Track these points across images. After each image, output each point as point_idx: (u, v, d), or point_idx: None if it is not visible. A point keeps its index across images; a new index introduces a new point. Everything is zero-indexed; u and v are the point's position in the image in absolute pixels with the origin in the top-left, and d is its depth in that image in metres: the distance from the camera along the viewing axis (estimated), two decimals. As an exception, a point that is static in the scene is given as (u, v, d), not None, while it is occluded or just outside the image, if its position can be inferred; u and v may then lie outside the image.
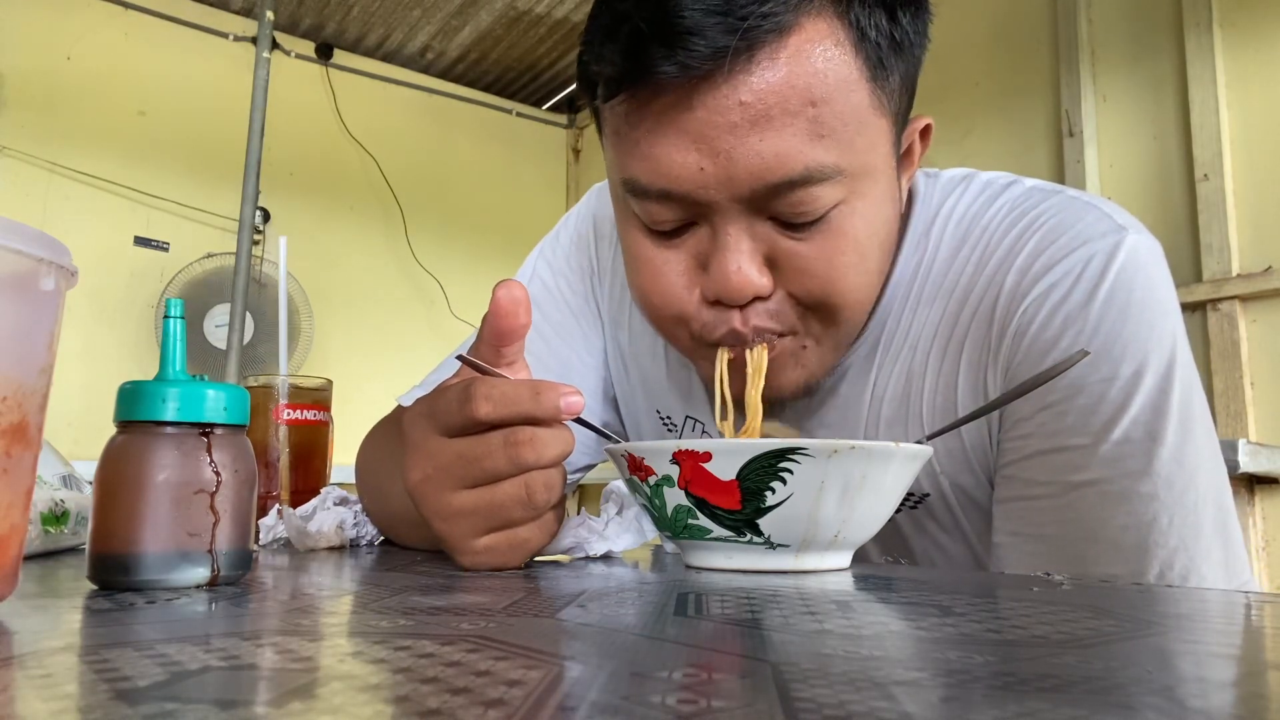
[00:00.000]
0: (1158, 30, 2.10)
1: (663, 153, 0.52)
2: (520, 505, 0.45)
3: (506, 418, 0.45)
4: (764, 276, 0.54)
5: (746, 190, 0.51)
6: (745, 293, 0.53)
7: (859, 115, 0.52)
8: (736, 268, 0.53)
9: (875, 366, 0.63)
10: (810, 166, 0.50)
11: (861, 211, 0.54)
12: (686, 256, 0.56)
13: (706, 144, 0.50)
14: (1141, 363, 0.54)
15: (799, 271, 0.54)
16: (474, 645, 0.24)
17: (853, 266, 0.54)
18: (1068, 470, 0.55)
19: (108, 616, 0.29)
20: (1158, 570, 0.53)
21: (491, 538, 0.46)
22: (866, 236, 0.55)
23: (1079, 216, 0.58)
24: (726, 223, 0.53)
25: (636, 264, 0.58)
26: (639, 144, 0.53)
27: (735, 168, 0.50)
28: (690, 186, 0.52)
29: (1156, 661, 0.22)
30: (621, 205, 0.58)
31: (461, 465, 0.45)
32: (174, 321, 0.40)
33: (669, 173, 0.52)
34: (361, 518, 0.63)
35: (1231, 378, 1.88)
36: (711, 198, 0.52)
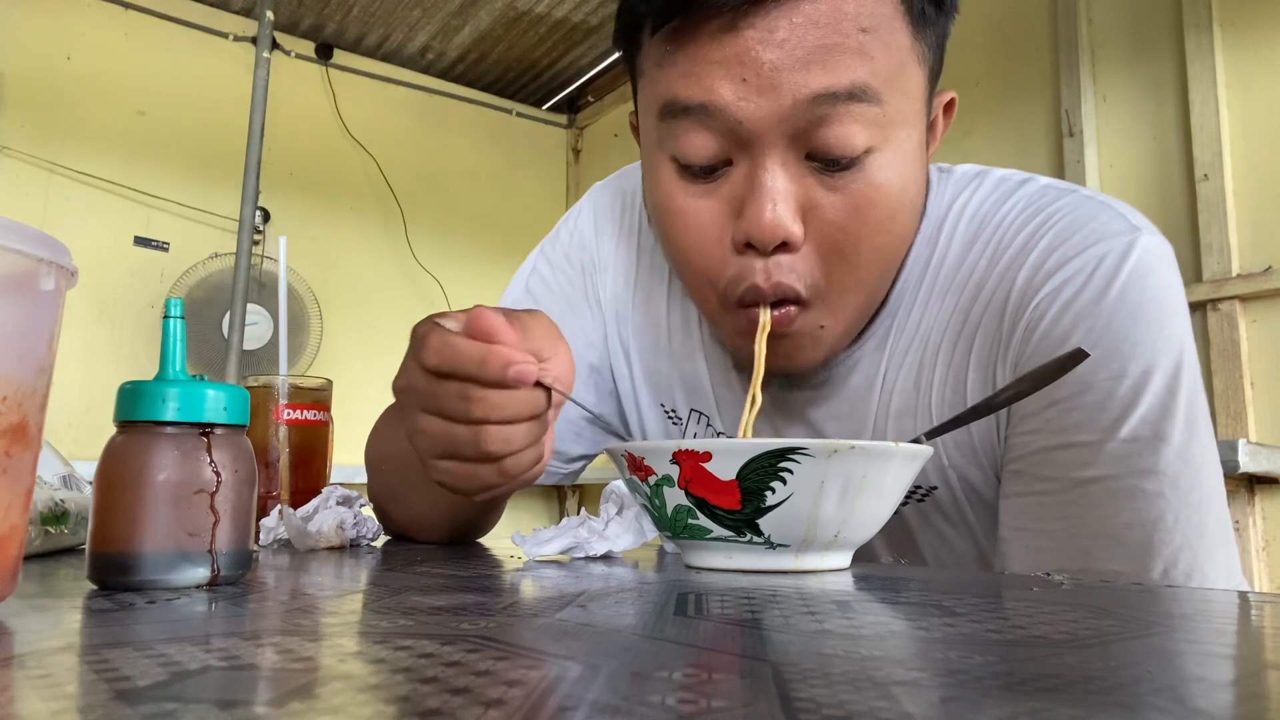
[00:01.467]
0: (1158, 30, 2.10)
1: (706, 67, 0.52)
2: (471, 448, 0.48)
3: (450, 374, 0.47)
4: (797, 224, 0.53)
5: (789, 102, 0.51)
6: (777, 233, 0.53)
7: (901, 54, 0.53)
8: (772, 205, 0.52)
9: (885, 358, 0.63)
10: (856, 82, 0.51)
11: (895, 164, 0.54)
12: (719, 204, 0.55)
13: (751, 58, 0.51)
14: (1151, 362, 0.54)
15: (829, 223, 0.54)
16: (474, 645, 0.24)
17: (883, 223, 0.55)
18: (1074, 466, 0.55)
19: (108, 616, 0.29)
20: (1162, 568, 0.53)
21: (449, 464, 0.49)
22: (898, 191, 0.55)
23: (1093, 215, 0.58)
24: (764, 157, 0.52)
25: (669, 216, 0.57)
26: (680, 64, 0.53)
27: (779, 78, 0.50)
28: (731, 99, 0.51)
29: (1156, 661, 0.22)
30: (654, 152, 0.58)
31: (427, 395, 0.48)
32: (174, 321, 0.40)
33: (710, 85, 0.52)
34: (362, 517, 0.63)
35: (1231, 378, 1.88)
36: (750, 115, 0.51)
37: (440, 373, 0.47)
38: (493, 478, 0.49)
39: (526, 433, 0.48)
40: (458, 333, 0.48)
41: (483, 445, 0.47)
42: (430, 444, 0.49)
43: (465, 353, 0.46)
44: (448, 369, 0.47)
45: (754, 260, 0.55)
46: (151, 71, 2.92)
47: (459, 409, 0.47)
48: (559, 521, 0.54)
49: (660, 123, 0.56)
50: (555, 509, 3.57)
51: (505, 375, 0.46)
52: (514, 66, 3.49)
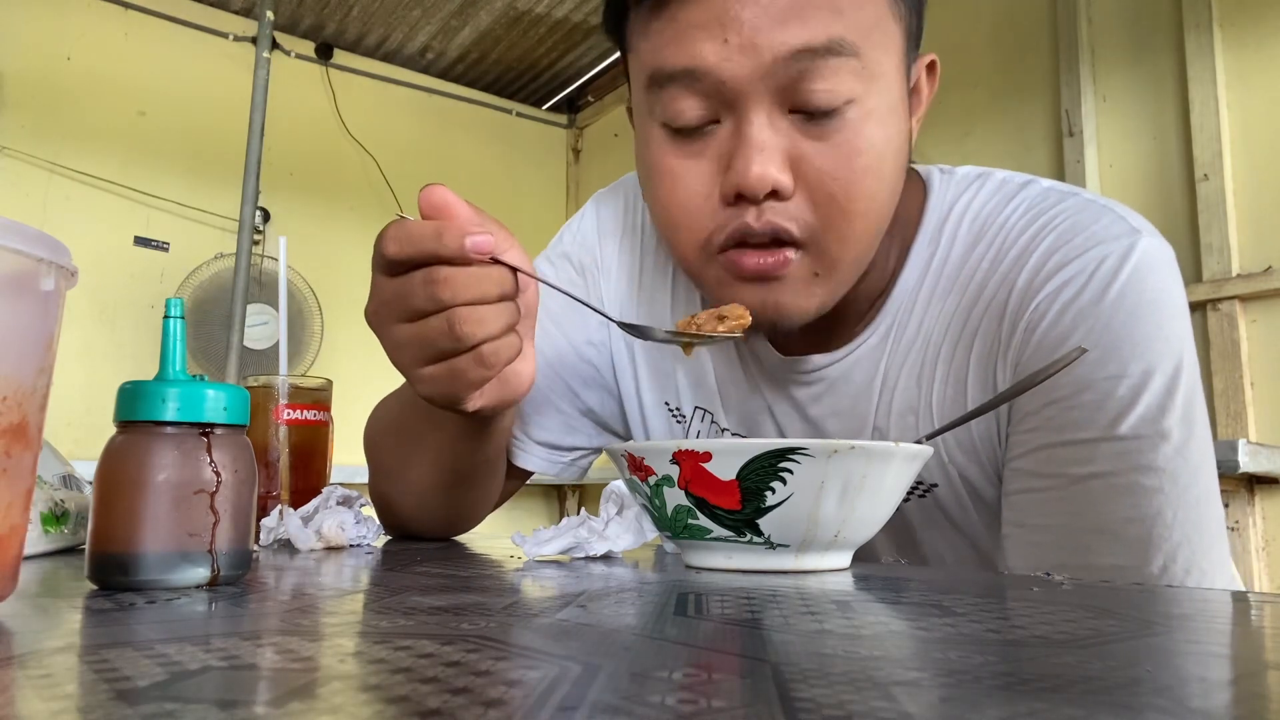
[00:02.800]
0: (1158, 30, 2.10)
1: (688, 31, 0.54)
2: (446, 337, 0.49)
3: (413, 257, 0.49)
4: (785, 174, 0.54)
5: (769, 59, 0.52)
6: (765, 183, 0.54)
7: (876, 9, 0.54)
8: (759, 155, 0.54)
9: (885, 355, 0.64)
10: (833, 37, 0.52)
11: (876, 115, 0.55)
12: (707, 163, 0.57)
13: (731, 18, 0.53)
14: (1150, 362, 0.55)
15: (818, 172, 0.55)
16: (474, 645, 0.24)
17: (870, 171, 0.55)
18: (1073, 463, 0.56)
19: (108, 616, 0.29)
20: (1161, 563, 0.53)
21: (431, 369, 0.51)
22: (882, 142, 0.56)
23: (1094, 218, 0.59)
24: (749, 113, 0.54)
25: (658, 174, 0.59)
26: (664, 31, 0.55)
27: (759, 36, 0.52)
28: (714, 61, 0.53)
29: (1156, 661, 0.22)
30: (645, 122, 0.59)
31: (396, 300, 0.50)
32: (174, 321, 0.40)
33: (693, 49, 0.54)
34: (362, 517, 0.63)
35: (1231, 378, 1.88)
36: (734, 73, 0.53)
37: (401, 261, 0.49)
38: (475, 370, 0.50)
39: (498, 314, 0.50)
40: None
41: (455, 328, 0.49)
42: (409, 352, 0.51)
43: (421, 230, 0.49)
44: (408, 253, 0.49)
45: (745, 207, 0.56)
46: (151, 71, 2.92)
47: (426, 297, 0.48)
48: (559, 521, 0.54)
49: (648, 93, 0.57)
50: (555, 509, 3.57)
51: (463, 246, 0.48)
52: (514, 66, 3.49)
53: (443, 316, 0.49)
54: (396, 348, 0.52)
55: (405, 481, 0.70)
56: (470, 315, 0.49)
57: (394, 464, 0.71)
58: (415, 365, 0.51)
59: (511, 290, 0.50)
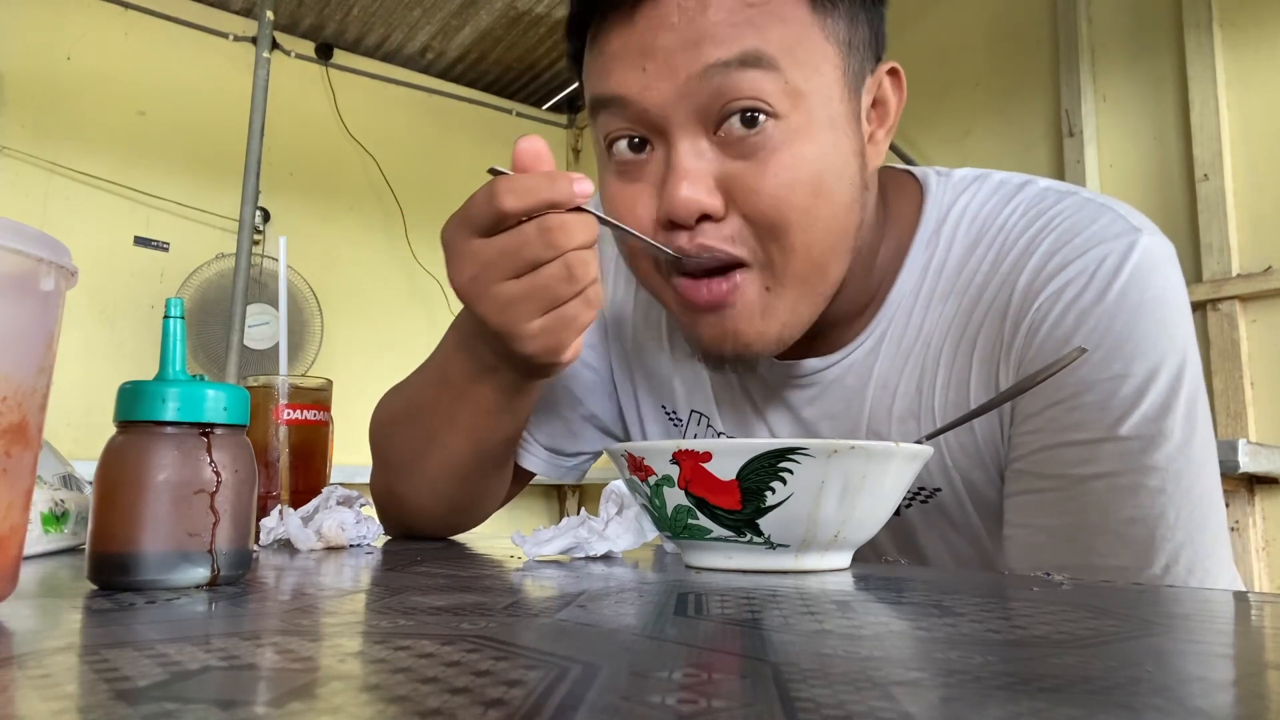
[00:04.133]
0: (1158, 30, 2.10)
1: (612, 63, 0.56)
2: (565, 282, 0.51)
3: (531, 206, 0.50)
4: (713, 197, 0.55)
5: (683, 78, 0.54)
6: (691, 208, 0.55)
7: (798, 27, 0.55)
8: (684, 181, 0.55)
9: (881, 359, 0.63)
10: (747, 50, 0.53)
11: (807, 133, 0.55)
12: (646, 186, 0.58)
13: (648, 46, 0.55)
14: (1155, 362, 0.54)
15: (747, 191, 0.55)
16: (474, 645, 0.24)
17: (802, 187, 0.55)
18: (1076, 464, 0.55)
19: (108, 616, 0.29)
20: (1164, 563, 0.53)
21: (543, 320, 0.52)
22: (814, 159, 0.55)
23: (1094, 218, 0.58)
24: (675, 139, 0.55)
25: (607, 201, 0.60)
26: (595, 62, 0.58)
27: (674, 59, 0.54)
28: (637, 89, 0.55)
29: (1156, 661, 0.22)
30: (598, 149, 0.62)
31: (504, 258, 0.51)
32: (174, 321, 0.40)
33: (618, 79, 0.56)
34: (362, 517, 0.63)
35: (1231, 378, 1.88)
36: (654, 100, 0.55)
37: (521, 212, 0.50)
38: (583, 311, 0.53)
39: (595, 256, 0.52)
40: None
41: (576, 271, 0.51)
42: (524, 308, 0.52)
43: (535, 182, 0.51)
44: (527, 204, 0.50)
45: (680, 233, 0.56)
46: (151, 71, 2.92)
47: (545, 244, 0.50)
48: (559, 521, 0.54)
49: (592, 119, 0.60)
50: (555, 509, 3.57)
51: (573, 191, 0.50)
52: (514, 66, 3.49)
53: (560, 263, 0.50)
54: (507, 307, 0.52)
55: (420, 470, 0.68)
56: (580, 258, 0.51)
57: (409, 453, 0.69)
58: (528, 319, 0.52)
59: (596, 238, 0.52)
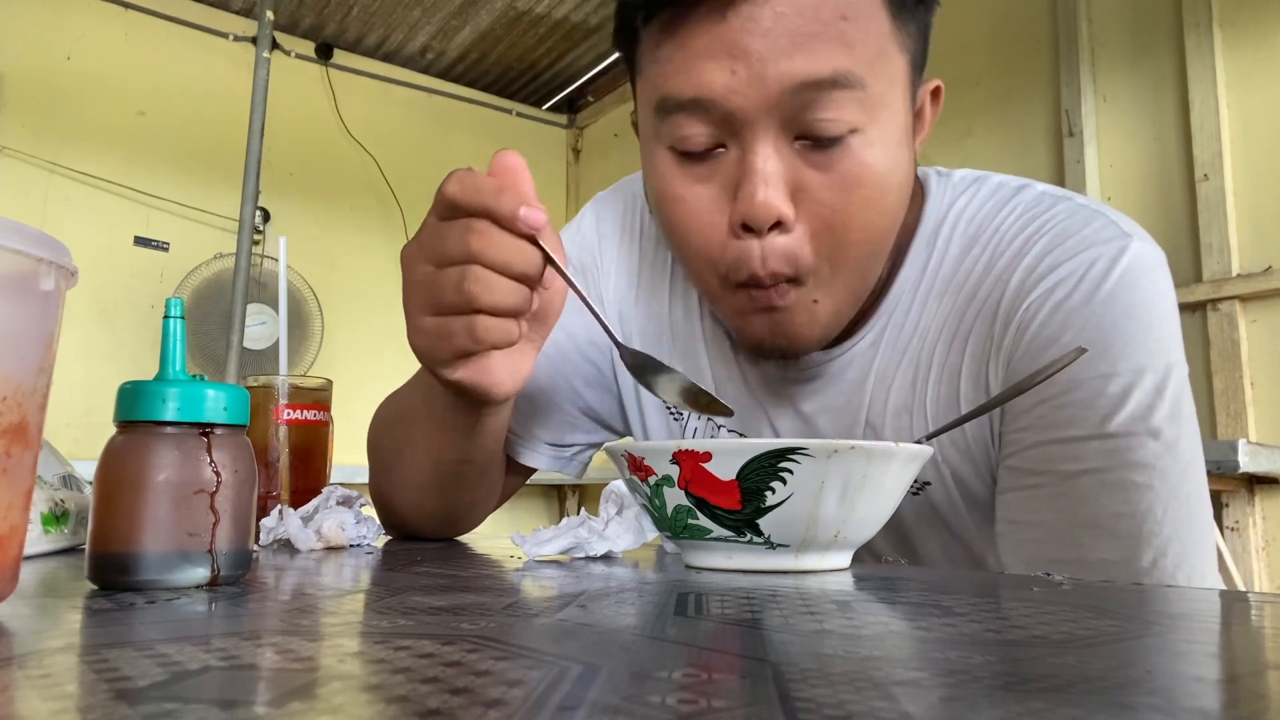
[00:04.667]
0: (1158, 30, 2.10)
1: (696, 61, 0.54)
2: (452, 291, 0.50)
3: (468, 204, 0.49)
4: (788, 204, 0.55)
5: (775, 91, 0.53)
6: (769, 213, 0.54)
7: (881, 41, 0.54)
8: (764, 187, 0.54)
9: (879, 354, 0.65)
10: (838, 70, 0.53)
11: (879, 143, 0.55)
12: (715, 188, 0.57)
13: (740, 49, 0.53)
14: (1141, 361, 0.56)
15: (819, 202, 0.55)
16: (474, 645, 0.24)
17: (870, 201, 0.56)
18: (1064, 460, 0.56)
19: (108, 616, 0.29)
20: (1151, 557, 0.54)
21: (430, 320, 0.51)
22: (884, 172, 0.56)
23: (1086, 222, 0.60)
24: (755, 142, 0.54)
25: (669, 202, 0.59)
26: (673, 58, 0.55)
27: (766, 68, 0.53)
28: (722, 92, 0.54)
29: (1156, 661, 0.22)
30: (652, 145, 0.60)
31: (430, 240, 0.51)
32: (174, 321, 0.40)
33: (701, 79, 0.54)
34: (362, 517, 0.63)
35: (1231, 378, 1.88)
36: (741, 104, 0.53)
37: (456, 204, 0.50)
38: (461, 336, 0.50)
39: (509, 289, 0.49)
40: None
41: (464, 283, 0.49)
42: (419, 294, 0.52)
43: (485, 183, 0.50)
44: (464, 198, 0.49)
45: (751, 244, 0.56)
46: (151, 71, 2.92)
47: (457, 240, 0.49)
48: (559, 521, 0.54)
49: (656, 117, 0.58)
50: (555, 509, 3.57)
51: (516, 210, 0.48)
52: (514, 66, 3.49)
53: (460, 269, 0.49)
54: (411, 287, 0.52)
55: (400, 477, 0.70)
56: (482, 276, 0.49)
57: (391, 458, 0.71)
58: (418, 312, 0.52)
59: (534, 274, 0.50)
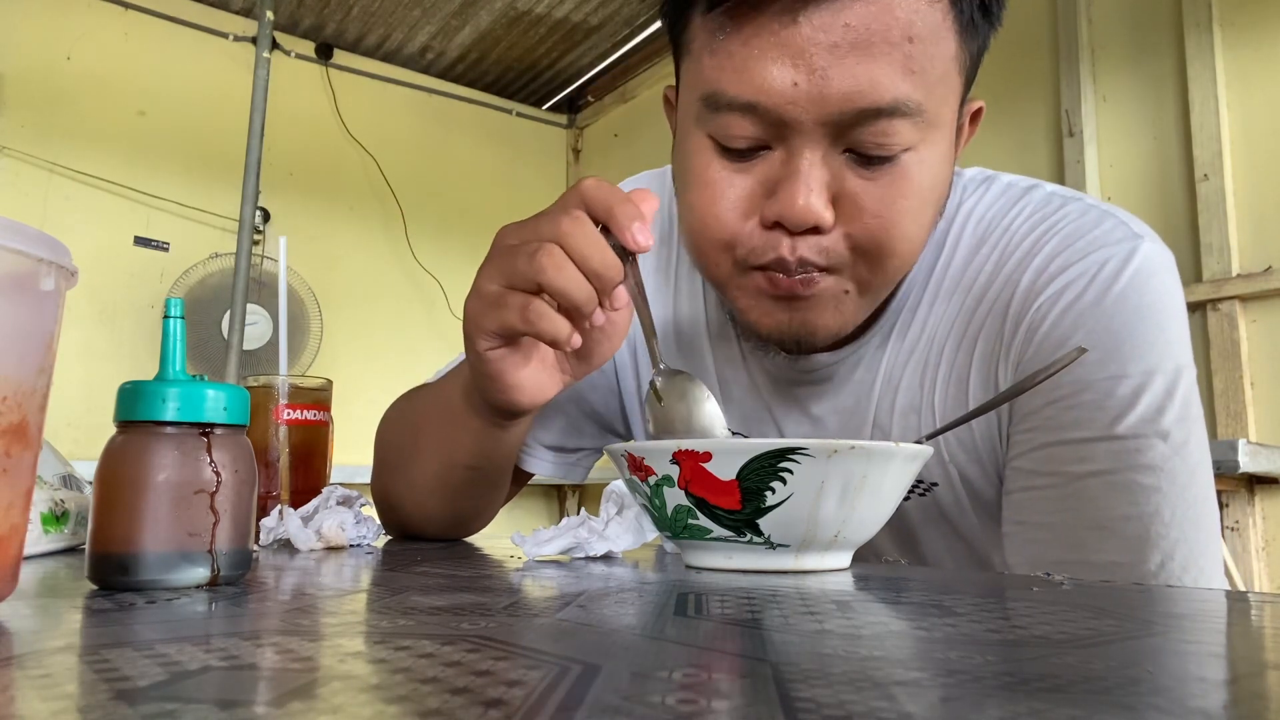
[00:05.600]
0: (1158, 30, 2.10)
1: (758, 64, 0.52)
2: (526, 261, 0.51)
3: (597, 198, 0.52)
4: (828, 210, 0.54)
5: (835, 111, 0.51)
6: (808, 219, 0.53)
7: (944, 64, 0.53)
8: (806, 191, 0.53)
9: (888, 355, 0.64)
10: (899, 98, 0.51)
11: (929, 162, 0.55)
12: (753, 181, 0.56)
13: (804, 60, 0.51)
14: (1151, 364, 0.55)
15: (862, 211, 0.54)
16: (474, 645, 0.24)
17: (912, 214, 0.55)
18: (1072, 461, 0.56)
19: (108, 616, 0.29)
20: (1159, 560, 0.54)
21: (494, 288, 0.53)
22: (929, 188, 0.55)
23: (1097, 223, 0.60)
24: (804, 147, 0.53)
25: (699, 185, 0.57)
26: (734, 55, 0.53)
27: (829, 87, 0.51)
28: (780, 101, 0.52)
29: (1156, 661, 0.22)
30: (691, 127, 0.58)
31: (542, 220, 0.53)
32: (174, 321, 0.40)
33: (762, 85, 0.52)
34: (362, 517, 0.63)
35: (1231, 378, 1.88)
36: (797, 116, 0.52)
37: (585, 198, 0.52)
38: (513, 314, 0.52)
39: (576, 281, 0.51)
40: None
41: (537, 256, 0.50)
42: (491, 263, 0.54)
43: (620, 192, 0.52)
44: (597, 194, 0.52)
45: (781, 236, 0.55)
46: (151, 71, 2.92)
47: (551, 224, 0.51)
48: (559, 521, 0.54)
49: (703, 106, 0.56)
50: (555, 509, 3.57)
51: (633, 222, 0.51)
52: (514, 66, 3.49)
53: (540, 245, 0.51)
54: (491, 256, 0.54)
55: (410, 477, 0.70)
56: (556, 253, 0.50)
57: (402, 459, 0.71)
58: (485, 279, 0.54)
59: (608, 277, 0.51)
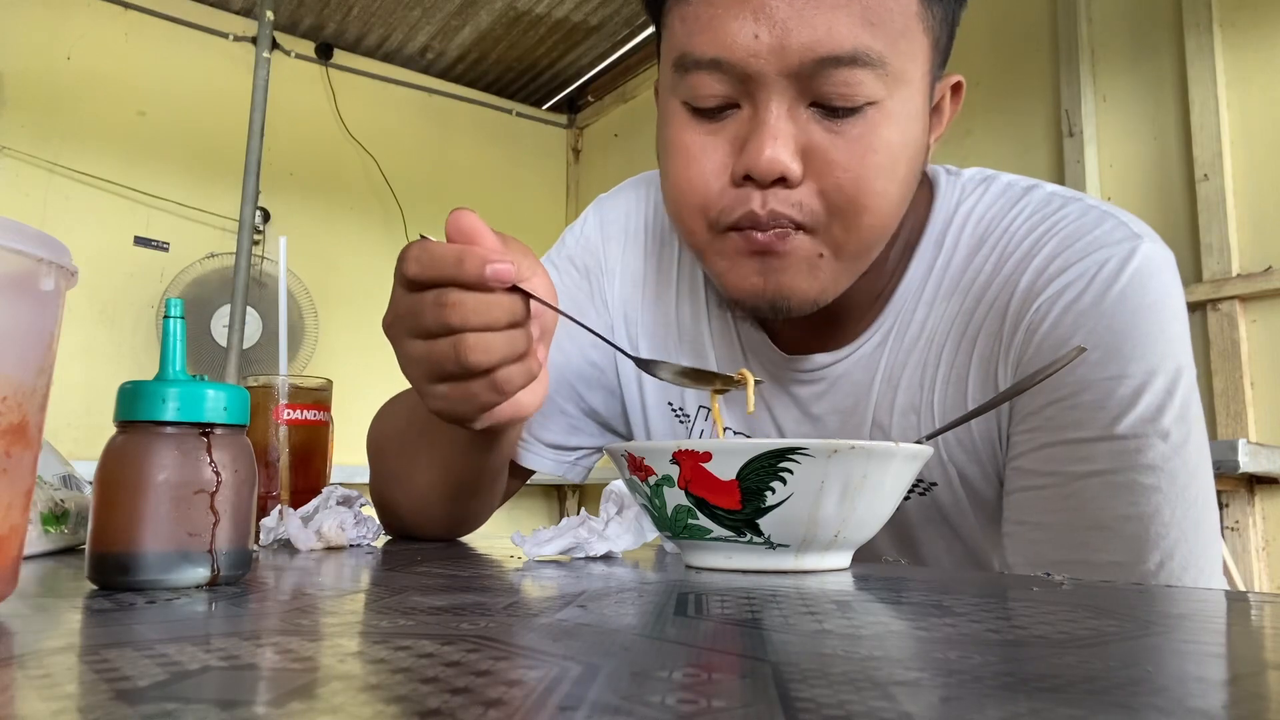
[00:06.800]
0: (1158, 30, 2.10)
1: (721, 21, 0.54)
2: (451, 363, 0.49)
3: (432, 279, 0.48)
4: (795, 162, 0.55)
5: (795, 61, 0.53)
6: (775, 168, 0.54)
7: (906, 19, 0.54)
8: (773, 142, 0.54)
9: (887, 354, 0.64)
10: (859, 47, 0.53)
11: (896, 117, 0.55)
12: (724, 142, 0.57)
13: (765, 14, 0.53)
14: (1151, 364, 0.55)
15: (830, 164, 0.55)
16: (474, 645, 0.24)
17: (882, 170, 0.55)
18: (1072, 461, 0.56)
19: (108, 616, 0.29)
20: (1159, 560, 0.54)
21: (442, 387, 0.51)
22: (899, 145, 0.56)
23: (1097, 223, 0.60)
24: (770, 100, 0.55)
25: (674, 150, 0.59)
26: (700, 16, 0.55)
27: (789, 37, 0.53)
28: (742, 55, 0.54)
29: (1156, 661, 0.22)
30: (668, 100, 0.60)
31: (408, 316, 0.50)
32: (174, 321, 0.40)
33: (724, 40, 0.54)
34: (362, 517, 0.63)
35: (1231, 378, 1.88)
36: (760, 68, 0.54)
37: (420, 282, 0.49)
38: (487, 394, 0.50)
39: (506, 341, 0.49)
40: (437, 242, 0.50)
41: (462, 355, 0.48)
42: (418, 368, 0.51)
43: (443, 254, 0.48)
44: (427, 275, 0.48)
45: (752, 191, 0.56)
46: (151, 71, 2.92)
47: (436, 318, 0.48)
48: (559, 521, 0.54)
49: (674, 72, 0.58)
50: (555, 509, 3.57)
51: (483, 273, 0.47)
52: (514, 66, 3.49)
53: (450, 340, 0.48)
54: (409, 362, 0.52)
55: (407, 486, 0.70)
56: (478, 342, 0.48)
57: (396, 469, 0.71)
58: (425, 381, 0.51)
59: (522, 317, 0.50)
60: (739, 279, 0.59)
